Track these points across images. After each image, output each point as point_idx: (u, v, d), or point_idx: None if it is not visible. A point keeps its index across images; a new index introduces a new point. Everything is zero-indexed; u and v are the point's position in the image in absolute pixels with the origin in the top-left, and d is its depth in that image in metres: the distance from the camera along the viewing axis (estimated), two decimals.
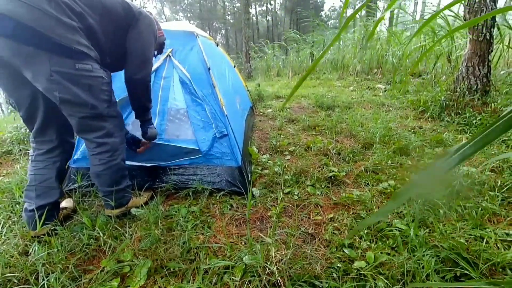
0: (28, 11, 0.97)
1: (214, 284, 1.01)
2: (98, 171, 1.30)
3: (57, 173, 1.33)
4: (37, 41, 1.00)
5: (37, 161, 1.30)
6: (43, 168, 1.30)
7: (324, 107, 3.52)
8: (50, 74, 1.04)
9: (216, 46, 2.52)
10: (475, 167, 1.71)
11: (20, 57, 1.01)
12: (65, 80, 1.08)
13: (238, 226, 1.37)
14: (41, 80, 1.05)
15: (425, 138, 2.29)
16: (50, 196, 1.30)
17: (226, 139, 1.69)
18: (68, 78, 1.08)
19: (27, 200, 1.28)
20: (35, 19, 0.98)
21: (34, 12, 0.98)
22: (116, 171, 1.32)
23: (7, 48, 0.99)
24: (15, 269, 1.07)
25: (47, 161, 1.30)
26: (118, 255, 1.15)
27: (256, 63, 8.68)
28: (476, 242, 1.13)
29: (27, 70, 1.05)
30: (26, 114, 1.22)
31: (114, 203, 1.34)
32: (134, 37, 1.31)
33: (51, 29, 1.01)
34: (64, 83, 1.08)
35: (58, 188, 1.33)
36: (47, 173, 1.30)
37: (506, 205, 1.37)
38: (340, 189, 1.65)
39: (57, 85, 1.07)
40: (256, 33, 24.24)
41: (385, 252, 1.11)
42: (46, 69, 1.03)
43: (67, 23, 1.04)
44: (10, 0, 0.96)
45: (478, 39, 2.65)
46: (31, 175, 1.30)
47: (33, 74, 1.05)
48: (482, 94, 2.73)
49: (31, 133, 1.29)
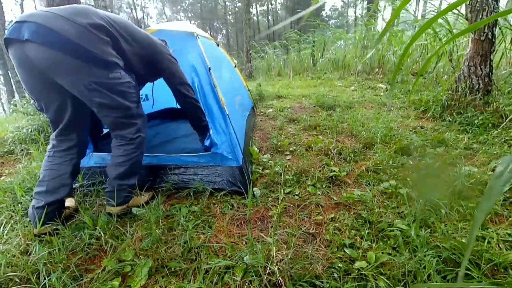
0: (72, 28, 1.12)
1: (215, 284, 1.01)
2: (119, 162, 1.38)
3: (73, 169, 1.41)
4: (79, 54, 1.14)
5: (54, 156, 1.38)
6: (60, 164, 1.37)
7: (325, 106, 3.51)
8: (89, 83, 1.19)
9: (216, 46, 2.52)
10: (476, 167, 1.70)
11: (62, 67, 1.15)
12: (102, 88, 1.22)
13: (239, 226, 1.37)
14: (80, 87, 1.20)
15: (427, 138, 2.28)
16: (60, 192, 1.34)
17: (227, 138, 1.69)
18: (104, 86, 1.23)
19: (37, 197, 1.31)
20: (78, 36, 1.13)
21: (77, 29, 1.13)
22: (134, 163, 1.42)
23: (52, 57, 1.12)
24: (17, 268, 1.08)
25: (65, 157, 1.39)
26: (119, 255, 1.15)
27: (257, 63, 8.68)
28: (478, 242, 1.12)
29: (64, 79, 1.18)
30: (54, 116, 1.33)
31: (116, 200, 1.36)
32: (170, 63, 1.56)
33: (91, 44, 1.16)
34: (101, 90, 1.23)
35: (69, 185, 1.39)
36: (63, 169, 1.37)
37: (508, 206, 1.37)
38: (341, 189, 1.65)
39: (96, 92, 1.22)
40: (257, 33, 24.25)
41: (386, 252, 1.11)
42: (85, 79, 1.18)
43: (104, 39, 1.21)
44: (58, 19, 1.12)
45: (480, 38, 2.64)
46: (45, 170, 1.35)
47: (71, 83, 1.19)
48: (484, 93, 2.72)
49: (54, 132, 1.39)
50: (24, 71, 1.18)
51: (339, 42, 7.52)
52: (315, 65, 7.07)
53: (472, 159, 1.86)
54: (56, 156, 1.37)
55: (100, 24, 1.19)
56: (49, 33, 1.09)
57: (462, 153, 1.92)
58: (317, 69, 6.84)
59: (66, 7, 1.18)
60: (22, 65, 1.16)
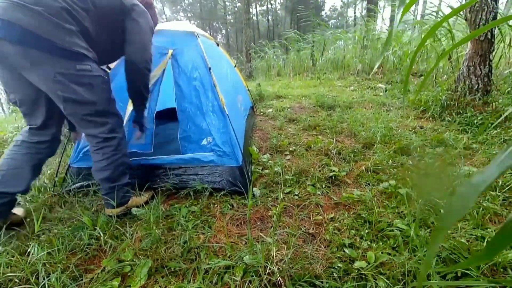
0: (32, 18, 1.04)
1: (214, 284, 1.01)
2: (101, 167, 1.32)
3: (36, 164, 1.34)
4: (40, 45, 1.06)
5: (21, 147, 1.31)
6: (25, 154, 1.30)
7: (325, 106, 3.51)
8: (54, 75, 1.11)
9: (216, 46, 2.52)
10: (476, 167, 1.70)
11: (26, 60, 1.08)
12: (68, 80, 1.14)
13: (239, 226, 1.37)
14: (45, 81, 1.13)
15: (426, 137, 2.29)
16: (16, 185, 1.26)
17: (227, 138, 1.69)
18: (70, 78, 1.15)
19: None
20: (38, 26, 1.05)
21: (37, 19, 1.05)
22: (118, 165, 1.35)
23: (14, 52, 1.06)
24: (16, 269, 1.08)
25: (32, 149, 1.32)
26: (119, 255, 1.15)
27: (257, 63, 8.68)
28: (477, 242, 1.12)
29: (31, 73, 1.12)
30: (29, 110, 1.29)
31: (116, 201, 1.34)
32: (133, 28, 1.38)
33: (53, 33, 1.07)
34: (66, 83, 1.14)
35: (27, 180, 1.31)
36: (26, 160, 1.30)
37: (507, 205, 1.37)
38: (340, 189, 1.65)
39: (61, 85, 1.14)
40: (256, 33, 24.25)
41: (386, 252, 1.11)
42: (50, 71, 1.11)
43: (66, 28, 1.11)
44: (16, 8, 1.03)
45: (479, 38, 2.64)
46: (6, 159, 1.28)
47: (38, 76, 1.13)
48: (483, 93, 2.73)
49: (28, 125, 1.33)
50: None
51: (339, 42, 7.52)
52: (315, 65, 7.07)
53: (471, 159, 1.86)
54: (23, 147, 1.31)
55: (60, 8, 1.10)
56: (7, 26, 1.02)
57: (461, 153, 1.92)
58: (317, 69, 6.84)
59: None
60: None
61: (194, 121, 1.77)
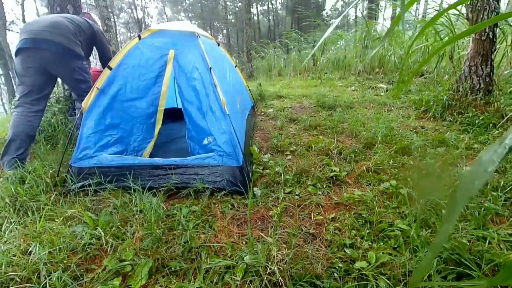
0: (61, 37, 2.00)
1: (215, 284, 1.01)
2: None
3: (35, 128, 2.05)
4: (67, 53, 2.03)
5: (25, 115, 1.99)
6: (31, 120, 2.01)
7: (326, 106, 3.50)
8: (74, 69, 2.10)
9: (217, 46, 2.52)
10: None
11: (55, 61, 2.01)
12: (80, 70, 2.15)
13: (239, 225, 1.37)
14: (68, 72, 2.10)
15: (427, 138, 2.28)
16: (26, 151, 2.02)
17: (228, 138, 1.69)
18: (80, 69, 2.15)
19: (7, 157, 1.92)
20: (66, 41, 2.02)
21: (64, 38, 2.02)
22: None
23: (48, 58, 1.98)
24: (18, 268, 1.08)
25: (34, 116, 2.03)
26: (120, 254, 1.15)
27: (258, 62, 8.67)
28: (479, 242, 1.12)
29: (57, 69, 2.06)
30: (35, 88, 2.02)
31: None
32: (101, 45, 2.46)
33: (73, 45, 2.07)
34: (79, 72, 2.14)
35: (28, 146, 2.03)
36: (32, 124, 2.01)
37: (509, 206, 1.36)
38: (341, 189, 1.65)
39: (77, 72, 2.13)
40: (257, 33, 24.23)
41: (386, 252, 1.11)
42: (71, 66, 2.09)
43: (77, 42, 2.12)
44: (51, 33, 1.97)
45: (481, 38, 2.63)
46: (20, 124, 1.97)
47: (63, 70, 2.08)
48: (485, 93, 2.72)
49: (26, 99, 2.00)
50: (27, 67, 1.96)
51: (340, 42, 7.51)
52: (316, 65, 7.06)
53: (473, 159, 1.85)
54: (27, 115, 1.99)
55: (72, 30, 2.09)
56: (48, 42, 1.95)
57: (463, 153, 1.91)
58: (318, 69, 6.83)
59: (53, 23, 2.01)
60: (30, 63, 1.95)
61: (195, 121, 1.77)
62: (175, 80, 1.84)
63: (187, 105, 1.79)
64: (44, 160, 1.99)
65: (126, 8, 25.96)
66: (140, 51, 1.82)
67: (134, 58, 1.81)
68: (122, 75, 1.79)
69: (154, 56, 1.82)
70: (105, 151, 1.75)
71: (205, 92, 1.78)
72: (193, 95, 1.79)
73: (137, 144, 1.83)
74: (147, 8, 7.30)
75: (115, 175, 1.65)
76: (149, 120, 1.85)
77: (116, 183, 1.63)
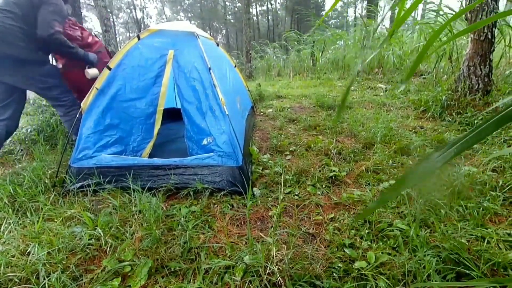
0: (10, 47, 1.83)
1: (214, 284, 1.01)
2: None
3: None
4: (20, 64, 1.89)
5: None
6: None
7: (325, 106, 3.51)
8: (34, 79, 1.98)
9: (216, 46, 2.52)
10: (476, 167, 1.70)
11: (9, 73, 1.89)
12: (41, 77, 2.00)
13: (239, 226, 1.37)
14: (28, 84, 2.00)
15: (426, 138, 2.28)
16: None
17: (227, 138, 1.69)
18: (42, 76, 2.00)
19: None
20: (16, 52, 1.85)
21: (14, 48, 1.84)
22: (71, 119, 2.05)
23: (11, 73, 1.89)
24: (17, 269, 1.08)
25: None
26: (119, 255, 1.15)
27: (257, 63, 8.68)
28: (478, 242, 1.12)
29: (14, 78, 1.91)
30: None
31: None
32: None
33: (26, 54, 1.89)
34: (42, 79, 2.01)
35: None
36: None
37: (507, 205, 1.37)
38: (341, 189, 1.65)
39: (39, 81, 2.00)
40: (256, 33, 24.24)
41: (386, 252, 1.11)
42: (29, 77, 1.96)
43: (30, 47, 1.90)
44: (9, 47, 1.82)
45: (479, 38, 2.64)
46: None
47: (20, 80, 1.95)
48: (483, 93, 2.72)
49: None
50: None
51: (339, 42, 7.52)
52: (315, 65, 7.07)
53: (471, 159, 1.86)
54: None
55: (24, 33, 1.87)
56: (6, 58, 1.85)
57: (462, 153, 1.92)
58: (317, 69, 6.84)
59: None
60: None
61: (194, 121, 1.77)
62: (175, 80, 1.84)
63: (186, 105, 1.79)
64: (43, 160, 1.99)
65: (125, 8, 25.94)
66: (139, 51, 1.82)
67: (134, 58, 1.81)
68: (121, 75, 1.79)
69: (153, 56, 1.82)
70: (104, 151, 1.75)
71: (205, 92, 1.77)
72: (192, 95, 1.79)
73: (137, 144, 1.83)
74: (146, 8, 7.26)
75: (114, 175, 1.65)
76: (148, 120, 1.85)
77: (115, 184, 1.63)
